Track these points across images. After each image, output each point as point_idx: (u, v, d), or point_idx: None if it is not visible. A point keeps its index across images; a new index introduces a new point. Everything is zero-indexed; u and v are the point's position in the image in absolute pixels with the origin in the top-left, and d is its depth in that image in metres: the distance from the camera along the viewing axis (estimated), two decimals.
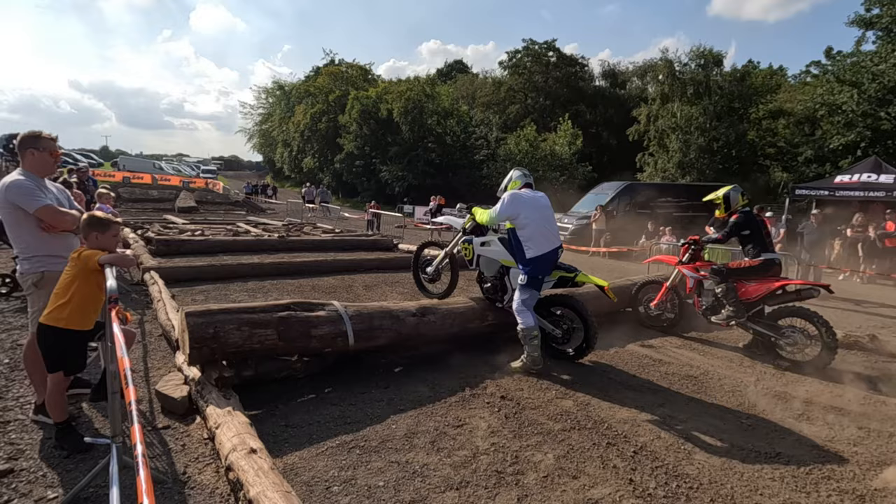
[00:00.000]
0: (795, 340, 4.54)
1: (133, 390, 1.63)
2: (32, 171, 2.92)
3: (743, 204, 5.14)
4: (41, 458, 2.48)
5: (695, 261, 5.35)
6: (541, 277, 4.08)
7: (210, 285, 6.62)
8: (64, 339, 2.50)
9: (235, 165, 77.60)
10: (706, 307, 5.12)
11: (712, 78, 25.08)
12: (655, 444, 2.94)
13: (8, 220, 2.85)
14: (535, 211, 4.10)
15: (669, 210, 15.99)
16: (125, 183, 28.16)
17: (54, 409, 2.53)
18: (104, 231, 2.58)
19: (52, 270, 2.82)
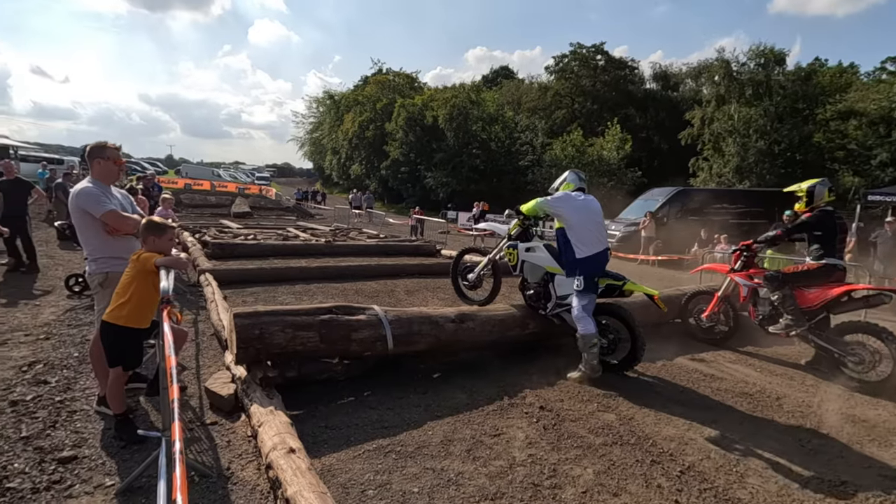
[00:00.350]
0: (863, 358, 4.19)
1: (176, 388, 1.71)
2: (99, 179, 3.15)
3: (828, 200, 4.66)
4: (101, 447, 2.65)
5: (748, 268, 5.05)
6: (596, 279, 4.01)
7: (260, 287, 6.89)
8: (123, 336, 2.67)
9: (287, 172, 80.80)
10: (763, 317, 4.81)
11: (774, 77, 23.71)
12: (704, 464, 2.78)
13: (78, 224, 3.09)
14: (585, 213, 4.08)
15: (725, 217, 15.18)
16: (186, 189, 29.92)
17: (114, 401, 2.70)
18: (160, 235, 2.74)
19: (115, 271, 3.02)
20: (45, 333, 4.48)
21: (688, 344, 5.24)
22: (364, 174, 41.74)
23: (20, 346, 4.14)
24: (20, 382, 3.39)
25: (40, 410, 3.00)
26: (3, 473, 2.33)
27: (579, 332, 3.93)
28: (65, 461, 2.47)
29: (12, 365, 3.69)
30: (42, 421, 2.87)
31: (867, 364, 4.17)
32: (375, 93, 42.62)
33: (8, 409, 2.98)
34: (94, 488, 2.29)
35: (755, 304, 4.89)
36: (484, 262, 4.98)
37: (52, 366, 3.72)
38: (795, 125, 23.13)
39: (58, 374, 3.58)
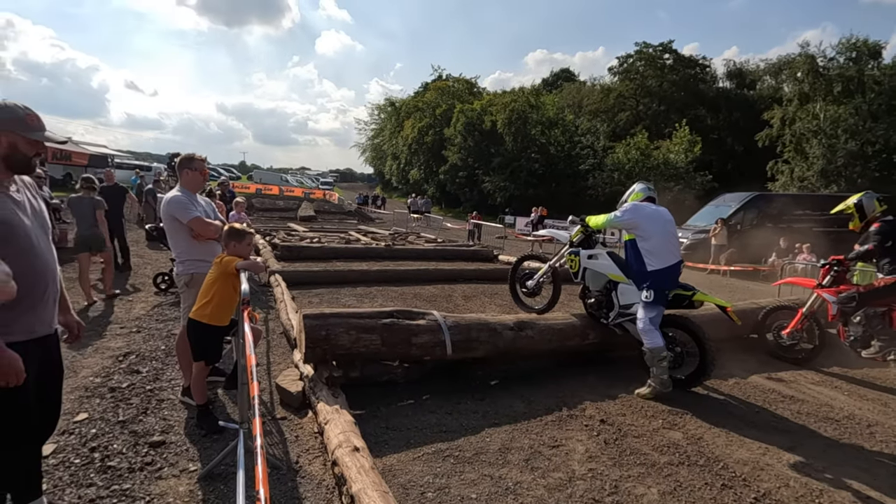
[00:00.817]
0: None
1: (256, 385, 1.84)
2: (187, 188, 3.45)
3: (881, 210, 4.45)
4: (185, 434, 2.89)
5: (838, 284, 4.67)
6: (667, 292, 3.86)
7: (324, 289, 7.21)
8: (206, 333, 2.90)
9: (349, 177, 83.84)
10: (854, 338, 4.44)
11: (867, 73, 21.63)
12: (782, 492, 2.60)
13: (168, 228, 3.39)
14: (657, 223, 3.93)
15: (808, 224, 14.06)
16: (258, 194, 31.82)
17: (197, 392, 2.94)
18: (240, 241, 2.96)
19: (200, 272, 3.29)
20: (137, 327, 4.94)
21: (764, 362, 4.91)
22: (422, 179, 42.45)
23: (116, 337, 4.59)
24: (117, 371, 3.76)
25: (134, 397, 3.32)
26: (105, 453, 2.61)
27: (646, 346, 3.79)
28: (155, 445, 2.72)
29: (110, 355, 4.10)
30: (136, 407, 3.17)
31: None
32: (435, 99, 43.28)
33: (108, 395, 3.32)
34: (180, 472, 2.50)
35: (846, 323, 4.52)
36: (544, 268, 4.93)
37: (142, 357, 4.10)
38: (892, 124, 20.94)
39: (148, 364, 3.93)
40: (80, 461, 2.53)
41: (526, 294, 5.11)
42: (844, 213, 4.66)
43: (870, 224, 4.47)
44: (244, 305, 2.28)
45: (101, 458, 2.55)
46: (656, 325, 3.80)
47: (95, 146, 27.75)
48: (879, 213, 4.46)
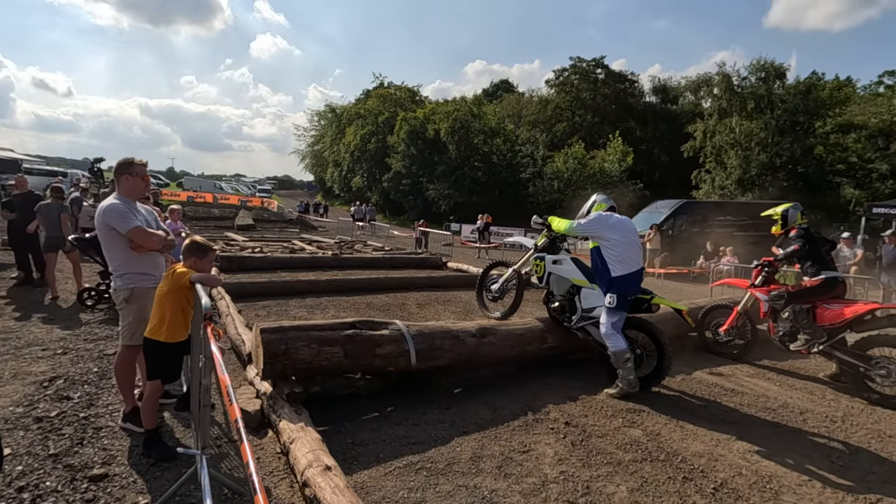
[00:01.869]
0: (889, 372, 4.16)
1: (237, 407, 1.70)
2: (126, 195, 3.16)
3: (802, 222, 4.94)
4: (131, 465, 2.63)
5: (768, 284, 5.07)
6: (628, 297, 4.01)
7: (271, 301, 6.88)
8: (163, 351, 2.67)
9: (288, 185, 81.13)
10: (783, 333, 4.82)
11: (774, 91, 23.94)
12: (737, 481, 2.76)
13: (104, 239, 3.09)
14: (622, 231, 4.10)
15: (730, 229, 15.22)
16: (189, 202, 30.04)
17: (147, 416, 2.69)
18: (202, 257, 2.76)
19: (140, 287, 3.03)
20: (62, 348, 4.47)
21: (704, 357, 5.24)
22: (366, 186, 41.91)
23: (38, 360, 4.12)
24: (43, 398, 3.37)
25: (66, 427, 2.98)
26: (36, 492, 2.31)
27: (610, 350, 3.94)
28: (96, 479, 2.45)
29: (33, 380, 3.67)
30: (69, 438, 2.85)
31: (893, 378, 4.14)
32: (377, 106, 42.98)
33: (33, 426, 2.96)
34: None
35: (775, 319, 4.90)
36: (508, 273, 5.02)
37: (72, 381, 3.70)
38: (797, 138, 23.30)
39: (79, 389, 3.56)
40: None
41: (490, 299, 5.17)
42: (772, 218, 5.08)
43: (789, 231, 4.92)
44: (206, 321, 2.11)
45: (32, 499, 2.26)
46: (618, 329, 3.95)
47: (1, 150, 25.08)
48: (799, 224, 4.90)
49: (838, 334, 4.49)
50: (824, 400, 4.24)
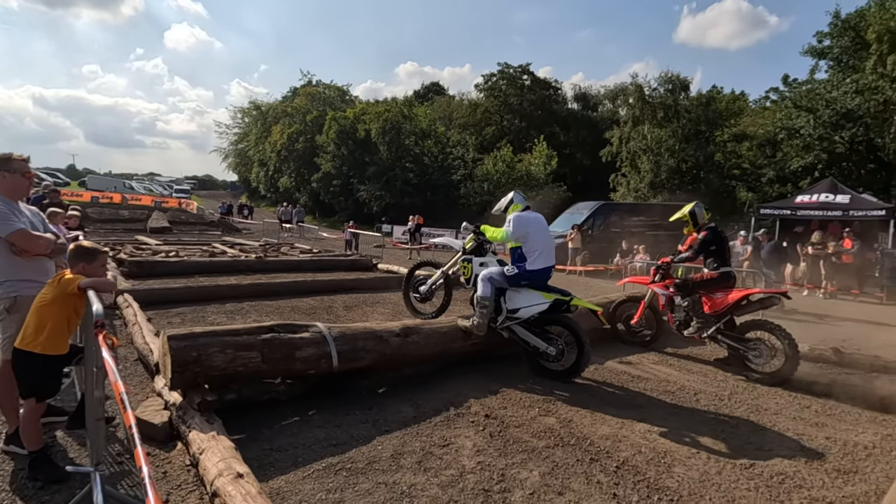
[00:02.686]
0: (762, 352, 4.72)
1: (132, 414, 1.62)
2: (5, 195, 2.85)
3: (708, 218, 5.45)
4: (13, 490, 2.39)
5: (665, 279, 5.57)
6: (522, 283, 4.40)
7: (187, 307, 6.49)
8: (39, 365, 2.44)
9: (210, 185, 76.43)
10: (679, 322, 5.32)
11: (680, 102, 26.14)
12: (637, 458, 3.01)
13: None
14: (540, 230, 4.50)
15: (643, 229, 16.43)
16: (94, 203, 27.48)
17: (29, 437, 2.46)
18: (91, 262, 2.56)
19: (25, 295, 2.75)
20: None
21: (615, 348, 5.62)
22: (294, 187, 40.55)
23: None
24: None
25: None
26: None
27: (477, 294, 4.37)
28: None
29: None
30: None
31: (765, 357, 4.71)
32: (305, 105, 41.77)
33: None
34: None
35: (672, 310, 5.40)
36: (437, 274, 5.14)
37: None
38: (699, 146, 25.60)
39: None
40: None
41: (418, 300, 5.25)
42: (682, 220, 5.55)
43: (700, 231, 5.36)
44: (97, 329, 1.98)
45: None
46: (494, 285, 4.36)
47: None
48: (706, 221, 5.40)
49: (722, 320, 5.00)
50: (715, 381, 4.71)
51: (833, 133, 20.01)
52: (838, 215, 12.98)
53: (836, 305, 10.51)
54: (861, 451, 3.25)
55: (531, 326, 4.43)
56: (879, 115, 18.66)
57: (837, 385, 4.55)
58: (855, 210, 12.83)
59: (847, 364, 5.35)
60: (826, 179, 15.27)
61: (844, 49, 21.00)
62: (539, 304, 4.34)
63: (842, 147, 19.85)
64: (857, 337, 7.13)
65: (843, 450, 3.26)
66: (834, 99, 20.00)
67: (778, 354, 4.66)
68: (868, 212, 12.72)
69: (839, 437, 3.45)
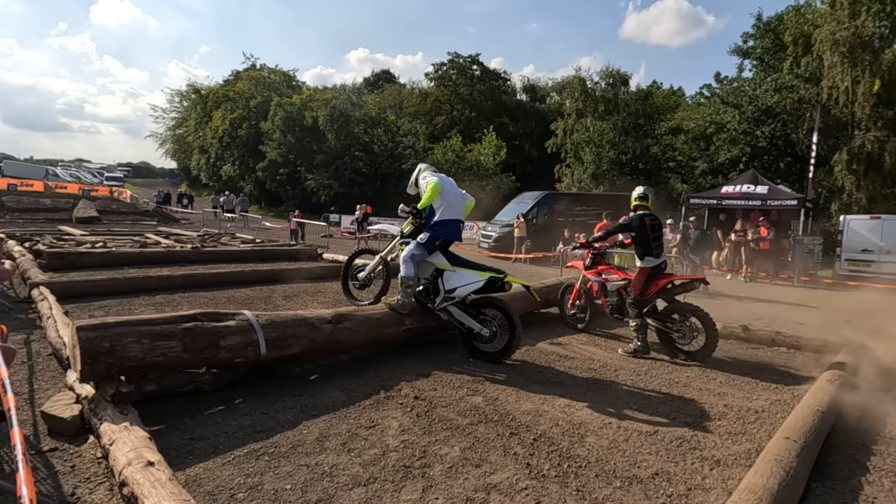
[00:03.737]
0: (685, 333, 5.03)
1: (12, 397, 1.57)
2: None
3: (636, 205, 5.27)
4: None
5: (597, 265, 5.79)
6: (437, 243, 4.63)
7: (112, 300, 6.18)
8: None
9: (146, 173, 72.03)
10: (612, 306, 5.56)
11: (620, 96, 27.15)
12: (553, 431, 3.20)
13: None
14: (448, 186, 4.83)
15: (584, 218, 17.07)
16: (11, 191, 25.29)
17: None
18: None
19: None
20: None
21: (548, 330, 5.88)
22: (238, 175, 38.95)
23: None
24: None
25: None
26: None
27: (401, 275, 4.52)
28: None
29: None
30: None
31: (688, 337, 5.01)
32: (249, 89, 40.07)
33: None
34: None
35: (606, 295, 5.61)
36: (375, 260, 5.18)
37: None
38: (638, 138, 26.74)
39: None
40: None
41: (357, 287, 5.29)
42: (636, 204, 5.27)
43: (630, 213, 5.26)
44: None
45: None
46: (415, 262, 4.56)
47: None
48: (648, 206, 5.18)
49: (650, 303, 5.26)
50: (635, 359, 5.03)
51: (755, 128, 21.47)
52: (758, 205, 14.03)
53: (754, 288, 11.42)
54: (752, 415, 3.60)
55: (467, 308, 4.57)
56: (794, 112, 20.20)
57: (741, 359, 4.99)
58: (772, 199, 13.91)
59: (753, 340, 5.86)
60: (748, 171, 16.44)
61: (766, 50, 22.50)
62: (474, 283, 4.50)
63: (763, 141, 21.33)
64: (769, 316, 7.82)
65: (737, 415, 3.60)
66: (756, 96, 21.45)
67: (699, 334, 4.96)
68: (783, 201, 13.83)
69: (735, 404, 3.80)
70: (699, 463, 2.86)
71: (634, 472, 2.72)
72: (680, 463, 2.85)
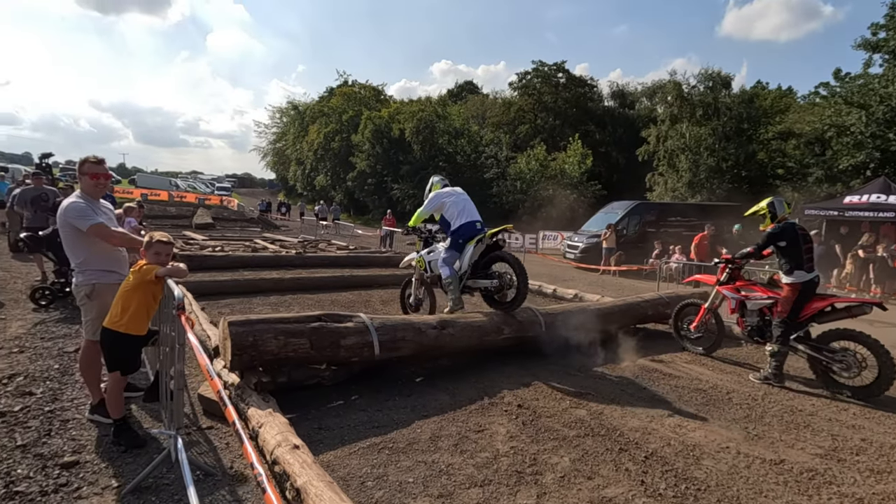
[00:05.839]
0: (849, 364, 4.33)
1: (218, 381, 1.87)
2: (87, 193, 3.19)
3: (788, 213, 4.82)
4: (101, 453, 2.72)
5: (734, 280, 5.19)
6: (461, 241, 5.07)
7: (234, 299, 6.91)
8: (122, 343, 2.77)
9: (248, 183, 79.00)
10: (751, 328, 4.96)
11: (721, 100, 25.35)
12: (665, 450, 3.11)
13: (65, 237, 3.11)
14: (454, 196, 5.25)
15: (679, 229, 16.12)
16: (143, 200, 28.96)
17: (113, 406, 2.79)
18: (164, 251, 2.88)
19: (102, 282, 3.09)
20: (19, 347, 4.41)
21: (648, 346, 5.65)
22: (330, 185, 41.51)
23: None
24: (3, 394, 3.38)
25: (31, 420, 3.03)
26: (8, 479, 2.39)
27: (443, 277, 5.06)
28: (68, 466, 2.54)
29: None
30: (36, 430, 2.91)
31: (853, 370, 4.33)
32: (341, 104, 42.63)
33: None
34: (103, 489, 2.38)
35: (743, 315, 5.06)
36: (414, 282, 5.83)
37: (33, 378, 3.71)
38: (741, 144, 24.75)
39: (41, 385, 3.58)
40: None
41: (412, 309, 5.84)
42: (759, 214, 4.99)
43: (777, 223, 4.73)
44: (179, 311, 2.26)
45: (6, 485, 2.34)
46: (450, 264, 5.05)
47: None
48: (787, 215, 4.79)
49: (803, 328, 4.66)
50: (749, 381, 4.69)
51: (887, 130, 18.99)
52: (891, 216, 12.39)
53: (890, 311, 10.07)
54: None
55: (479, 272, 5.10)
56: None
57: None
58: None
59: None
60: (878, 179, 14.57)
61: None
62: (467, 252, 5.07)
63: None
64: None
65: (878, 451, 3.25)
66: (889, 94, 18.98)
67: (868, 367, 4.28)
68: None
69: (875, 440, 3.43)
70: (837, 499, 2.64)
71: (762, 502, 2.57)
72: (814, 497, 2.65)
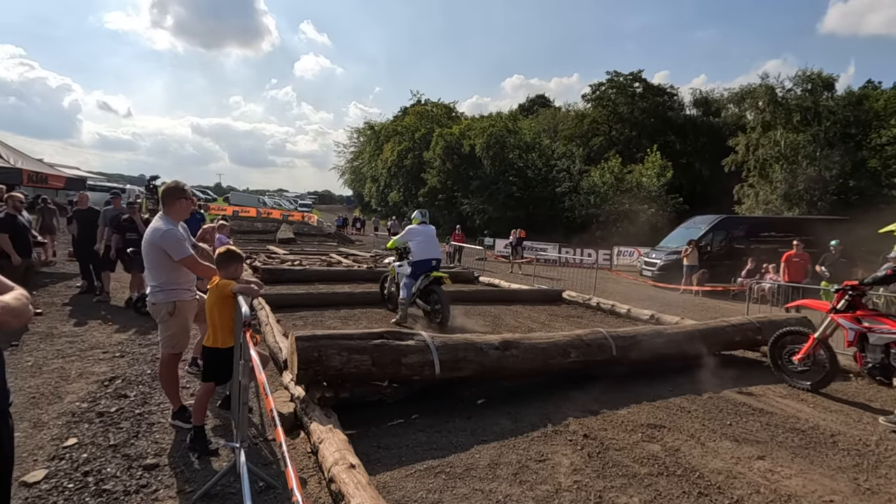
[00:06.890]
0: None
1: (272, 400, 1.93)
2: (174, 217, 3.33)
3: None
4: (179, 457, 2.91)
5: (855, 309, 4.59)
6: (418, 273, 6.72)
7: (308, 311, 7.23)
8: (217, 356, 2.96)
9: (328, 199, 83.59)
10: (873, 365, 4.35)
11: (822, 103, 23.04)
12: (753, 498, 2.77)
13: (153, 258, 3.21)
14: (422, 235, 6.87)
15: (773, 246, 14.69)
16: (235, 216, 31.53)
17: (198, 412, 2.99)
18: (237, 265, 3.06)
19: (182, 299, 3.29)
20: (120, 351, 4.90)
21: (735, 376, 5.14)
22: (402, 201, 42.79)
23: (100, 362, 4.55)
24: (104, 395, 3.74)
25: (123, 421, 3.32)
26: (98, 476, 2.62)
27: (401, 297, 6.73)
28: (149, 468, 2.74)
29: (95, 379, 4.07)
30: (126, 431, 3.18)
31: None
32: (414, 123, 44.02)
33: (96, 420, 3.31)
34: (177, 493, 2.53)
35: (863, 349, 4.45)
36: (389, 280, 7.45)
37: (129, 381, 4.08)
38: (847, 151, 22.28)
39: (135, 389, 3.92)
40: (73, 486, 2.53)
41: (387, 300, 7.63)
42: (893, 234, 4.57)
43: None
44: (246, 328, 2.37)
45: (96, 482, 2.57)
46: (410, 288, 6.70)
47: (68, 168, 27.12)
48: None
49: None
50: (860, 423, 4.10)
51: None
52: None
53: None
54: None
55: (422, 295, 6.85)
56: None
57: None
58: None
59: None
60: None
61: None
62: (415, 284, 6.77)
63: None
64: None
65: None
66: None
67: None
68: None
69: None
70: None
71: None
72: None
